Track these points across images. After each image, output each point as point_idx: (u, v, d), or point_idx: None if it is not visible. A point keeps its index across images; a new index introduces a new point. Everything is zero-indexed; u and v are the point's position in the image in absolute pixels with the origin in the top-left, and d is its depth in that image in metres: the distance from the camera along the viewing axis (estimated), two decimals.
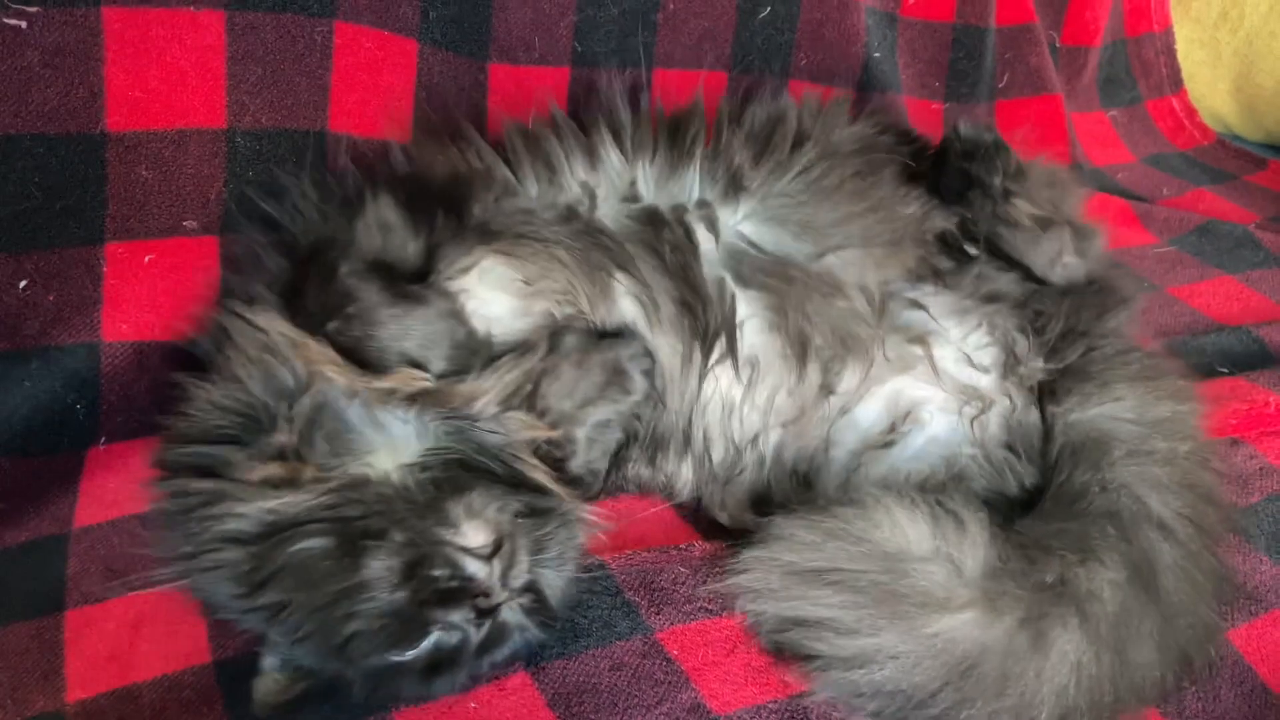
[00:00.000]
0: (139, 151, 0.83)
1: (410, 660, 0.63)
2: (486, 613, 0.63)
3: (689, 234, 0.85)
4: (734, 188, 0.86)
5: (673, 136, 0.88)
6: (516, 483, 0.71)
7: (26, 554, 0.78)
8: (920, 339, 0.86)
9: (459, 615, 0.63)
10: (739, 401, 0.84)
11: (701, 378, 0.84)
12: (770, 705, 0.65)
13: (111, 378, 0.84)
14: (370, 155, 0.93)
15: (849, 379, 0.85)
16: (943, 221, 0.90)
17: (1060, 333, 0.86)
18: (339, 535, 0.63)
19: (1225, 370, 1.05)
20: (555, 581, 0.69)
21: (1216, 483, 0.80)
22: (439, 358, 0.72)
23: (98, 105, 0.81)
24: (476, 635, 0.64)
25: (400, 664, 0.63)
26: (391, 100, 0.98)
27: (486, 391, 0.72)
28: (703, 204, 0.86)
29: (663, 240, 0.84)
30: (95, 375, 0.84)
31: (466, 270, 0.77)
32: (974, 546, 0.70)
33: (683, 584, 0.73)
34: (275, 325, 0.70)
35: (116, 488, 0.83)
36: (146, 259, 0.85)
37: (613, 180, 0.86)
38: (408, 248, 0.77)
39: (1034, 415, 0.85)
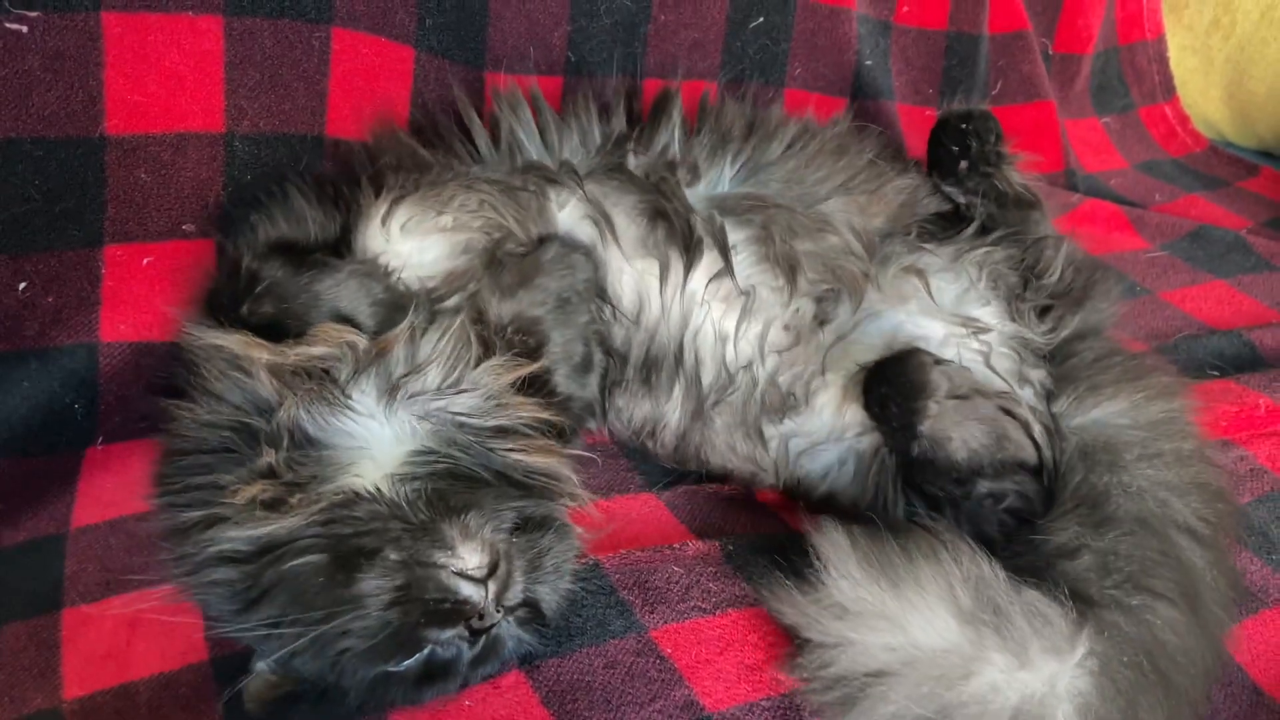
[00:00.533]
0: (138, 155, 0.84)
1: (403, 671, 0.63)
2: (480, 632, 0.64)
3: (670, 164, 0.87)
4: (721, 146, 0.89)
5: (659, 105, 0.91)
6: (509, 482, 0.71)
7: (24, 554, 0.79)
8: (916, 271, 0.87)
9: (452, 633, 0.63)
10: (733, 333, 0.85)
11: (684, 291, 0.84)
12: (763, 703, 0.66)
13: (110, 378, 0.85)
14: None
15: (843, 311, 0.86)
16: (935, 203, 0.94)
17: (1058, 289, 0.89)
18: (332, 552, 0.63)
19: (1216, 373, 1.06)
20: (551, 595, 0.69)
21: (1221, 477, 0.80)
22: (364, 316, 0.73)
23: (97, 109, 0.81)
24: (470, 651, 0.64)
25: (393, 673, 0.63)
26: (389, 106, 0.99)
27: (442, 354, 0.72)
28: (688, 152, 0.88)
29: (625, 152, 0.86)
30: (94, 376, 0.84)
31: (381, 223, 0.78)
32: (1084, 658, 0.64)
33: (676, 583, 0.74)
34: (212, 337, 0.70)
35: (114, 488, 0.83)
36: (145, 261, 0.86)
37: (586, 135, 0.89)
38: (311, 228, 0.78)
39: (1042, 374, 0.86)
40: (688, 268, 0.84)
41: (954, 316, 0.86)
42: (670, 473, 0.91)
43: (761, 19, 1.18)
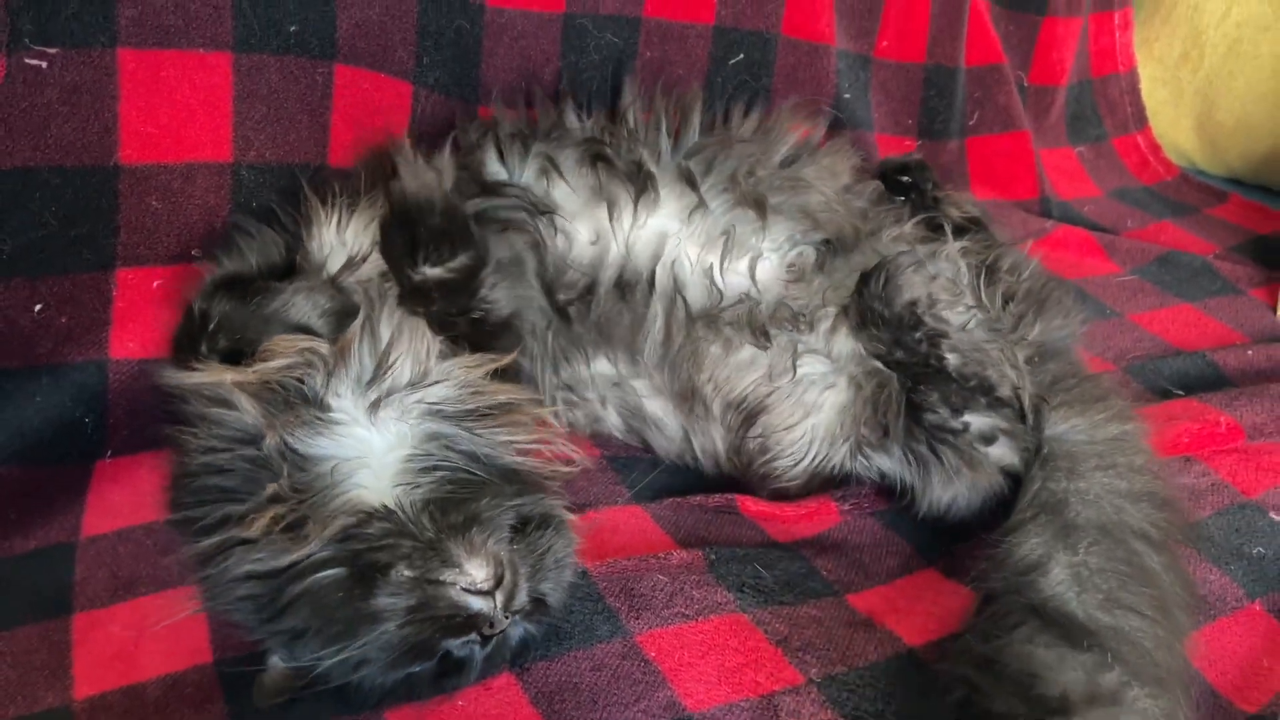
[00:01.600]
0: (150, 183, 0.87)
1: (420, 671, 0.66)
2: (491, 636, 0.66)
3: (621, 116, 0.93)
4: (686, 116, 0.95)
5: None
6: (503, 474, 0.74)
7: (35, 560, 0.81)
8: (905, 240, 0.93)
9: (465, 640, 0.66)
10: (717, 265, 0.89)
11: (644, 225, 0.88)
12: (742, 704, 0.68)
13: (119, 393, 0.87)
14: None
15: (839, 260, 0.91)
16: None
17: (1016, 285, 0.94)
18: (349, 566, 0.65)
19: (1181, 392, 1.09)
20: (554, 590, 0.71)
21: (1170, 488, 0.83)
22: (317, 326, 0.75)
23: (112, 139, 0.84)
24: (483, 651, 0.67)
25: (411, 673, 0.66)
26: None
27: (402, 337, 0.74)
28: (647, 124, 0.94)
29: (565, 111, 0.93)
30: (103, 391, 0.86)
31: (337, 230, 0.82)
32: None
33: (661, 590, 0.76)
34: (184, 379, 0.73)
35: (122, 499, 0.85)
36: (155, 284, 0.88)
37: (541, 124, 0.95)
38: (253, 259, 0.82)
39: (1023, 355, 0.89)
40: (637, 199, 0.87)
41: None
42: (650, 469, 0.94)
43: (742, 55, 1.21)
